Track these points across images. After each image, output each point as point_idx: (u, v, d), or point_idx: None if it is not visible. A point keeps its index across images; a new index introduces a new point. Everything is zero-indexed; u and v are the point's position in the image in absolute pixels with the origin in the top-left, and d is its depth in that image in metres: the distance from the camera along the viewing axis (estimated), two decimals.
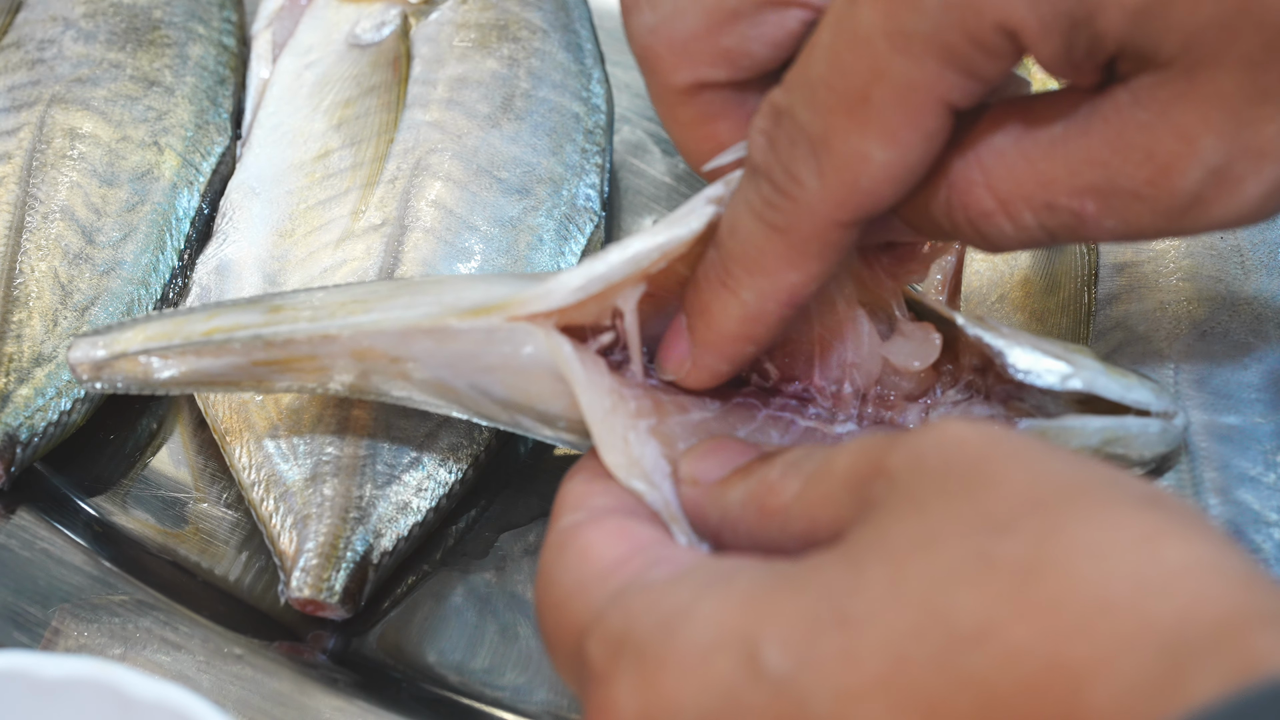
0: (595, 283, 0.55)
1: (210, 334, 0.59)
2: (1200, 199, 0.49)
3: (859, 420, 0.59)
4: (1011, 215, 0.51)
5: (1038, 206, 0.51)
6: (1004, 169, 0.51)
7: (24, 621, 0.64)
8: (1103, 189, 0.50)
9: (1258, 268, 0.71)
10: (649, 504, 0.53)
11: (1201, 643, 0.37)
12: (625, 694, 0.44)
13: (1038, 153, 0.50)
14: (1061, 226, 0.51)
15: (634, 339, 0.57)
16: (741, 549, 0.51)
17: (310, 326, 0.58)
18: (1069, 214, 0.50)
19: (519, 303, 0.56)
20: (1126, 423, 0.60)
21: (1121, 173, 0.49)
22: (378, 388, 0.59)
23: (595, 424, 0.55)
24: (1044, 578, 0.39)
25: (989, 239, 0.52)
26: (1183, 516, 0.40)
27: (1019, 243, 0.52)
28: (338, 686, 0.64)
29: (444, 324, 0.57)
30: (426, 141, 0.75)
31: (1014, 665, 0.39)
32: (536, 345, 0.56)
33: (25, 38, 0.79)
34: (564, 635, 0.48)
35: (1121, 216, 0.50)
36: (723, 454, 0.54)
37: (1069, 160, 0.50)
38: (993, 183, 0.51)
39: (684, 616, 0.44)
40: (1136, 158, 0.49)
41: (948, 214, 0.52)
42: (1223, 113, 0.48)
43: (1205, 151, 0.48)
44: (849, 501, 0.45)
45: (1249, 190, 0.49)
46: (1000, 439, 0.44)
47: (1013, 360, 0.58)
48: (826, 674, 0.41)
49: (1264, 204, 0.49)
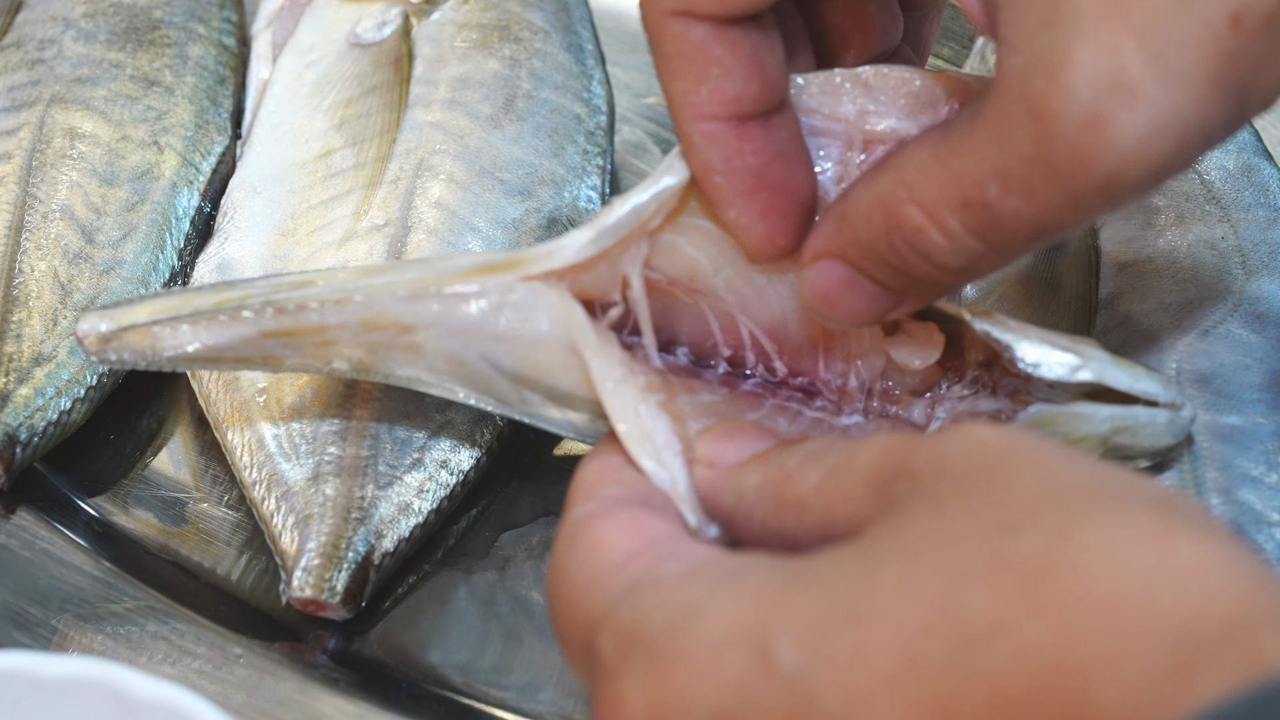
0: (605, 235, 0.56)
1: (220, 304, 0.59)
2: (1080, 149, 0.47)
3: (865, 413, 0.59)
4: (939, 223, 0.51)
5: (956, 207, 0.50)
6: (924, 178, 0.51)
7: (24, 621, 0.64)
8: (1000, 164, 0.49)
9: (1259, 268, 0.71)
10: (657, 484, 0.53)
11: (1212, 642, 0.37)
12: (635, 689, 0.44)
13: (949, 152, 0.50)
14: (981, 224, 0.50)
15: (643, 306, 0.57)
16: (754, 537, 0.51)
17: (323, 290, 0.58)
18: (981, 207, 0.50)
19: (531, 260, 0.57)
20: (1135, 412, 0.60)
21: (1011, 137, 0.48)
22: (386, 366, 0.59)
23: (606, 393, 0.55)
24: (1055, 577, 0.39)
25: (932, 259, 0.52)
26: (1194, 518, 0.40)
27: (959, 257, 0.51)
28: (339, 687, 0.64)
29: (455, 283, 0.57)
30: (429, 142, 0.75)
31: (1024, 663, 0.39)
32: (549, 310, 0.56)
33: (25, 38, 0.79)
34: (575, 629, 0.48)
35: (1021, 191, 0.49)
36: (741, 438, 0.54)
37: (974, 148, 0.50)
38: (916, 195, 0.51)
39: (695, 613, 0.44)
40: (1019, 114, 0.48)
41: (889, 243, 0.52)
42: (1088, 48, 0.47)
43: (1078, 90, 0.47)
44: (869, 499, 0.45)
45: (1125, 132, 0.47)
46: (1023, 443, 0.44)
47: (1021, 353, 0.58)
48: (837, 671, 0.41)
49: (1144, 148, 0.47)
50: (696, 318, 0.59)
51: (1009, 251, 0.51)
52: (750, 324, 0.59)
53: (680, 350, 0.60)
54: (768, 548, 0.50)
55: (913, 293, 0.54)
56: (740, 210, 0.55)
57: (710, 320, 0.59)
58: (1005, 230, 0.50)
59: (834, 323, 0.56)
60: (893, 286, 0.54)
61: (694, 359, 0.60)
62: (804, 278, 0.55)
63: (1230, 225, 0.72)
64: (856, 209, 0.53)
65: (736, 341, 0.59)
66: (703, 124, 0.54)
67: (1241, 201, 0.73)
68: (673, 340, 0.60)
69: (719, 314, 0.59)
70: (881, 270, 0.53)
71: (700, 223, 0.57)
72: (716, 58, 0.53)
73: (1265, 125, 0.79)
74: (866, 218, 0.53)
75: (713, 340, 0.59)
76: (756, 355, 0.59)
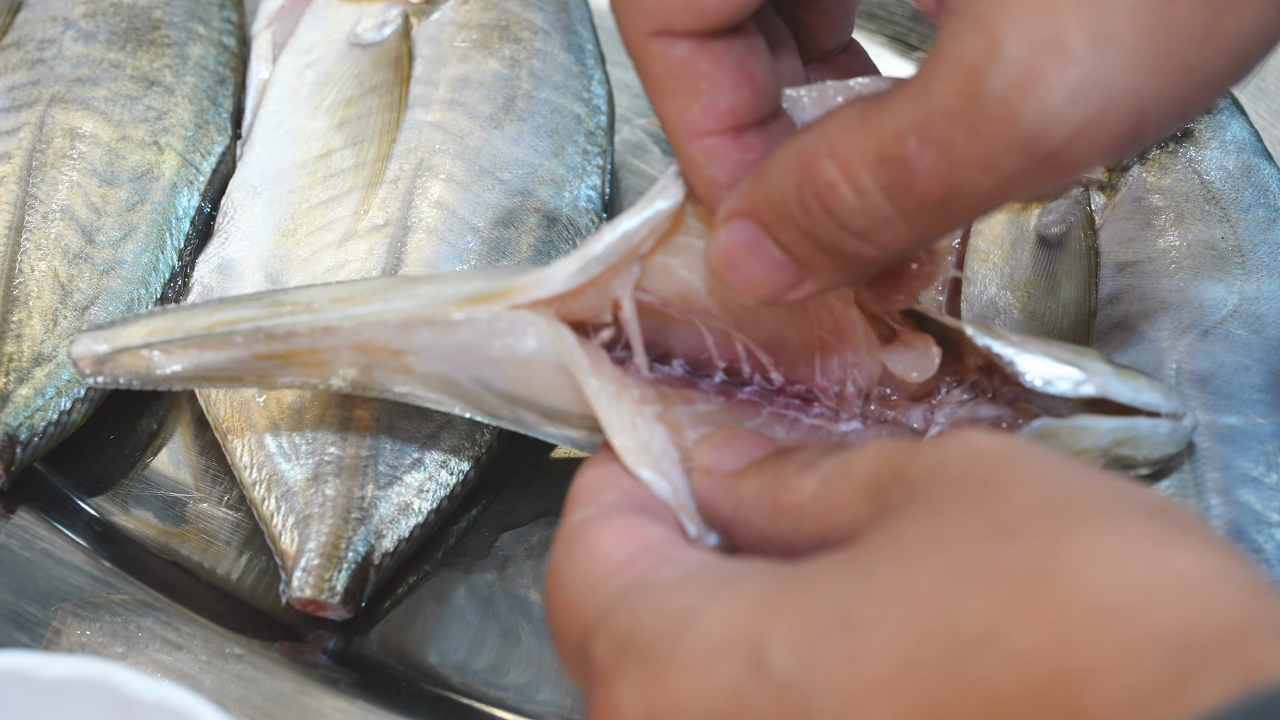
0: (593, 265, 0.55)
1: (212, 327, 0.59)
2: (1005, 103, 0.47)
3: (863, 419, 0.59)
4: (852, 179, 0.49)
5: (871, 163, 0.49)
6: (844, 133, 0.50)
7: (24, 621, 0.64)
8: (921, 119, 0.48)
9: (1259, 268, 0.71)
10: (657, 494, 0.53)
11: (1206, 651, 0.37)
12: (629, 695, 0.44)
13: (874, 109, 0.49)
14: (893, 182, 0.49)
15: (633, 328, 0.57)
16: (752, 544, 0.51)
17: (311, 319, 0.58)
18: (896, 162, 0.48)
19: (519, 289, 0.56)
20: (1137, 423, 0.60)
21: (936, 92, 0.48)
22: (381, 384, 0.59)
23: (602, 409, 0.55)
24: (1050, 584, 0.39)
25: (839, 217, 0.50)
26: (1190, 526, 0.40)
27: (865, 218, 0.50)
28: (338, 686, 0.64)
29: (444, 313, 0.57)
30: (429, 142, 0.75)
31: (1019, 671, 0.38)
32: (538, 336, 0.56)
33: (25, 38, 0.79)
34: (570, 633, 0.48)
35: (939, 145, 0.48)
36: (738, 446, 0.54)
37: (897, 104, 0.49)
38: (834, 149, 0.50)
39: (690, 618, 0.44)
40: (948, 70, 0.47)
41: (799, 199, 0.51)
42: (1025, 7, 0.46)
43: (1009, 46, 0.46)
44: (866, 506, 0.45)
45: (1053, 89, 0.46)
46: (1019, 450, 0.44)
47: (1024, 368, 0.58)
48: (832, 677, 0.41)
49: (1069, 108, 0.47)
50: (690, 333, 0.59)
51: (919, 220, 0.49)
52: (745, 339, 0.59)
53: (676, 361, 0.60)
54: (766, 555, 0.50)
55: (814, 266, 0.52)
56: None
57: (705, 336, 0.59)
58: (917, 190, 0.49)
59: (735, 291, 0.54)
60: (797, 254, 0.52)
61: (689, 370, 0.60)
62: (711, 238, 0.54)
63: (1230, 225, 0.72)
64: (775, 164, 0.52)
65: (732, 355, 0.59)
66: (701, 141, 0.53)
67: (1241, 201, 0.73)
68: (668, 353, 0.59)
69: (713, 330, 0.59)
70: (788, 232, 0.52)
71: (694, 243, 0.57)
72: (703, 73, 0.53)
73: (1265, 125, 0.79)
74: (783, 172, 0.51)
75: (707, 354, 0.59)
76: (752, 367, 0.59)
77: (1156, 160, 0.75)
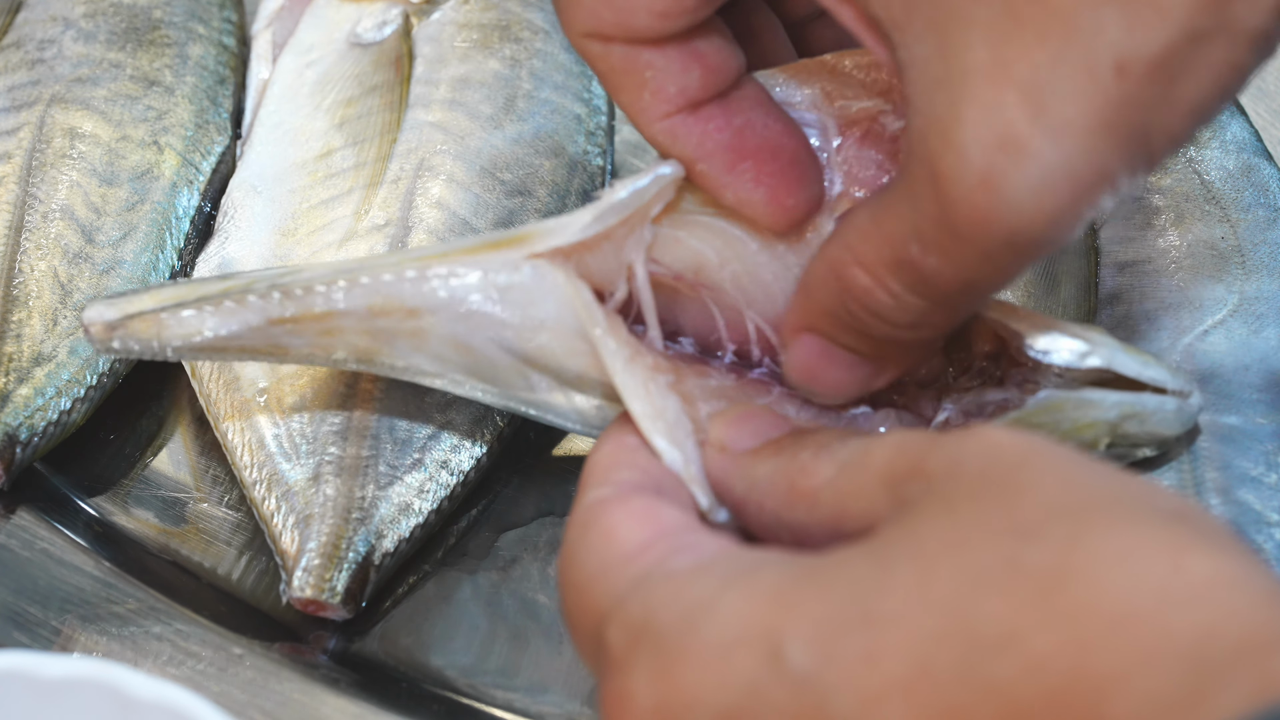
0: (609, 214, 0.56)
1: (228, 290, 0.59)
2: (974, 207, 0.47)
3: (872, 403, 0.59)
4: (881, 284, 0.51)
5: (892, 267, 0.51)
6: (862, 241, 0.51)
7: (24, 622, 0.64)
8: (915, 225, 0.49)
9: (1259, 268, 0.71)
10: (669, 464, 0.53)
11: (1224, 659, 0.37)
12: (642, 684, 0.44)
13: (881, 212, 0.51)
14: (915, 282, 0.51)
15: (646, 294, 0.57)
16: (764, 525, 0.51)
17: (330, 272, 0.58)
18: (909, 266, 0.50)
19: (537, 235, 0.57)
20: (1144, 399, 0.60)
21: (919, 198, 0.49)
22: (388, 354, 0.59)
23: (617, 371, 0.55)
24: (1069, 587, 0.39)
25: (884, 318, 0.52)
26: (1210, 531, 0.40)
27: (907, 314, 0.51)
28: (339, 687, 0.64)
29: (462, 260, 0.57)
30: (430, 142, 0.75)
31: (1036, 675, 0.38)
32: (555, 293, 0.56)
33: (25, 38, 0.79)
34: (584, 618, 0.48)
35: (936, 250, 0.49)
36: (754, 424, 0.54)
37: (895, 208, 0.50)
38: (858, 258, 0.51)
39: (706, 609, 0.44)
40: (923, 176, 0.48)
41: (845, 307, 0.53)
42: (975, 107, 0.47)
43: (967, 151, 0.47)
44: (883, 497, 0.45)
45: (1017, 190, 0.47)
46: (1038, 448, 0.44)
47: (1031, 340, 0.58)
48: (849, 674, 0.41)
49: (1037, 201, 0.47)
50: (701, 311, 0.59)
51: (953, 305, 0.51)
52: (756, 318, 0.59)
53: (685, 340, 0.60)
54: (777, 537, 0.50)
55: (885, 356, 0.55)
56: (734, 188, 0.55)
57: (715, 314, 0.59)
58: (937, 287, 0.50)
59: (825, 398, 0.57)
60: (864, 351, 0.54)
61: (699, 349, 0.60)
62: (786, 358, 0.56)
63: (1230, 225, 0.72)
64: (814, 278, 0.54)
65: (742, 336, 0.59)
66: (661, 124, 0.55)
67: (1241, 201, 0.73)
68: (677, 331, 0.60)
69: (724, 308, 0.59)
70: (849, 336, 0.54)
71: (703, 217, 0.57)
72: (646, 62, 0.54)
73: (1265, 125, 0.79)
74: (823, 285, 0.53)
75: (717, 335, 0.59)
76: (762, 350, 0.59)
77: None
